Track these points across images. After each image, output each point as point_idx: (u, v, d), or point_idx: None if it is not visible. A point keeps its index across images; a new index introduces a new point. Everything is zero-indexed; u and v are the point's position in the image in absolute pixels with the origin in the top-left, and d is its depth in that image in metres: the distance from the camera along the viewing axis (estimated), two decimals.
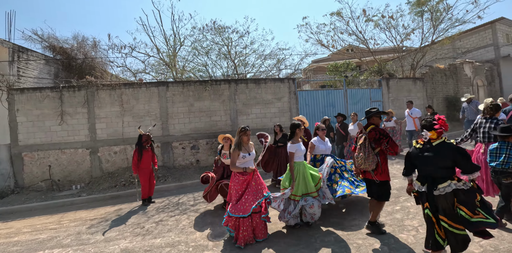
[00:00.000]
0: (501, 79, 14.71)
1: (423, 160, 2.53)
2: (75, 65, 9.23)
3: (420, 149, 2.59)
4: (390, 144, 3.11)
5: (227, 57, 10.77)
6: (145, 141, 5.51)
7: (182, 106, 8.38)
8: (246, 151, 3.55)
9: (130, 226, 4.41)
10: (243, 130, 3.55)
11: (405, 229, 3.40)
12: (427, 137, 2.52)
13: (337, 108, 10.12)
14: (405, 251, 2.91)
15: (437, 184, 2.40)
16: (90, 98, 7.54)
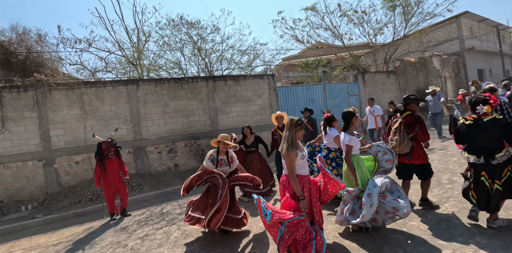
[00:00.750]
0: (466, 71, 15.75)
1: (477, 134, 2.75)
2: (15, 62, 7.82)
3: (471, 124, 2.79)
4: (422, 130, 3.22)
5: (197, 54, 10.06)
6: (106, 149, 4.77)
7: (156, 107, 7.54)
8: (302, 149, 2.70)
9: (109, 247, 3.65)
10: (299, 122, 2.64)
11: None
12: (482, 110, 2.70)
13: (317, 104, 9.95)
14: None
15: (494, 154, 2.66)
16: (41, 100, 6.40)
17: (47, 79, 6.49)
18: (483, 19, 17.81)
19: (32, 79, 6.27)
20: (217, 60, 10.26)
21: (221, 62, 10.35)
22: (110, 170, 4.76)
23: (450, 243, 2.67)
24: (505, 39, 21.71)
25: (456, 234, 2.82)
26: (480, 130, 2.72)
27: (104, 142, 4.82)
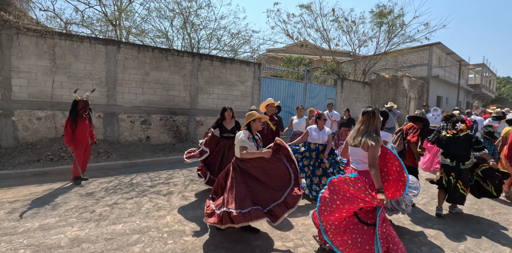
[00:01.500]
0: (428, 95, 17.44)
1: (455, 145, 3.64)
2: None
3: (451, 137, 3.70)
4: (411, 132, 3.87)
5: (184, 27, 9.57)
6: (81, 108, 4.51)
7: (136, 74, 7.12)
8: None
9: (75, 210, 3.46)
10: (379, 113, 2.45)
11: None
12: (460, 127, 3.64)
13: (296, 100, 10.27)
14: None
15: (464, 161, 3.55)
16: (6, 43, 5.63)
17: (16, 21, 5.71)
18: (451, 52, 19.73)
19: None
20: (207, 38, 9.91)
21: (209, 41, 10.04)
22: (81, 131, 4.54)
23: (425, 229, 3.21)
24: (464, 74, 24.37)
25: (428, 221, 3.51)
26: (456, 142, 3.62)
27: (81, 100, 4.53)
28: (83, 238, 2.76)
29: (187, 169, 5.76)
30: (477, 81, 27.19)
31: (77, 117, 4.48)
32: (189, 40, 9.87)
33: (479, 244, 2.98)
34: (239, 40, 10.30)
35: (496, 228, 3.41)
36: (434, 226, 3.39)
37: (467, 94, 26.35)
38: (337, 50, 13.44)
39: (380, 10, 11.79)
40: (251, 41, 10.59)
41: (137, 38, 9.28)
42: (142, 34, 9.60)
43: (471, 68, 26.10)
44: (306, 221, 3.37)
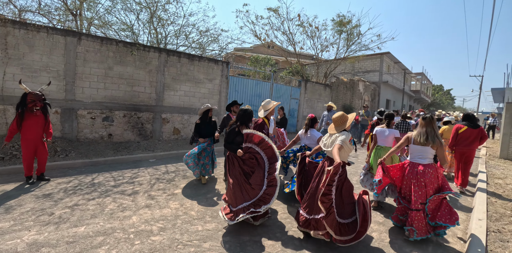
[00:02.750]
0: (379, 98, 19.18)
1: None
2: None
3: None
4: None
5: (150, 21, 9.29)
6: (31, 101, 4.19)
7: (98, 68, 6.82)
8: None
9: (31, 213, 3.34)
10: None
11: None
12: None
13: (263, 99, 10.63)
14: None
15: None
16: None
17: None
18: (398, 61, 21.99)
19: None
20: (175, 34, 9.75)
21: (177, 37, 9.88)
22: (31, 127, 4.23)
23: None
24: (407, 81, 27.34)
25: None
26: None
27: (31, 93, 4.18)
28: (42, 242, 2.67)
29: (153, 167, 5.76)
30: (418, 87, 30.82)
31: (25, 112, 4.16)
32: (155, 35, 9.61)
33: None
34: (207, 38, 10.29)
35: None
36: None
37: (410, 99, 29.59)
38: (301, 53, 14.11)
39: (340, 19, 12.64)
40: (219, 40, 10.62)
41: (100, 30, 8.78)
42: (106, 26, 9.11)
43: (413, 76, 29.62)
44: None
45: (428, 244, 3.12)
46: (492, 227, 3.55)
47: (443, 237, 3.26)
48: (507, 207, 4.32)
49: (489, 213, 4.01)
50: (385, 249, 2.96)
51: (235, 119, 3.66)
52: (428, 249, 3.01)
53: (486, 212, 3.97)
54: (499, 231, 3.47)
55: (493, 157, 9.34)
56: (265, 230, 3.22)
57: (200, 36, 10.16)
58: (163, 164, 6.12)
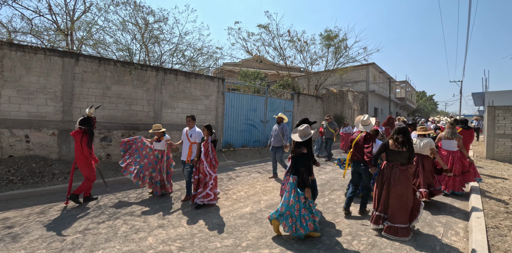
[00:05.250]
0: (367, 107, 19.79)
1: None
2: None
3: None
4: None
5: (146, 41, 9.45)
6: (94, 124, 4.66)
7: (95, 88, 6.79)
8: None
9: (41, 241, 3.20)
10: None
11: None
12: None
13: (258, 113, 10.78)
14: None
15: None
16: None
17: None
18: (383, 71, 23.03)
19: None
20: (170, 53, 9.90)
21: (172, 55, 10.03)
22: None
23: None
24: (393, 89, 28.49)
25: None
26: None
27: (94, 117, 4.67)
28: None
29: None
30: (402, 95, 32.17)
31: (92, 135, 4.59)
32: (147, 54, 9.72)
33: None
34: (203, 56, 10.50)
35: None
36: None
37: (396, 106, 30.66)
38: (292, 67, 14.53)
39: (328, 34, 13.24)
40: (213, 57, 10.85)
41: (95, 50, 8.81)
42: (98, 45, 9.16)
43: (398, 84, 30.92)
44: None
45: (436, 243, 3.26)
46: (490, 224, 3.74)
47: (447, 236, 3.43)
48: (500, 205, 4.55)
49: (485, 211, 4.22)
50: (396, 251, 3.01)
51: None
52: (436, 248, 3.15)
53: (483, 210, 4.16)
54: (497, 226, 3.67)
55: (480, 158, 9.73)
56: (282, 242, 3.20)
57: (195, 54, 10.35)
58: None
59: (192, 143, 4.73)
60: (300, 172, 3.20)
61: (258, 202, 4.73)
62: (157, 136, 5.06)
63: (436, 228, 3.72)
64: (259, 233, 3.47)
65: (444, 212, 4.34)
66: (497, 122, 9.23)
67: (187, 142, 4.76)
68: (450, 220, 4.01)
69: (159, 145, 5.07)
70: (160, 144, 5.07)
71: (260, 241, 3.24)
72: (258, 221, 3.86)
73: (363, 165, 3.99)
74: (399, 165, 3.44)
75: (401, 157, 3.44)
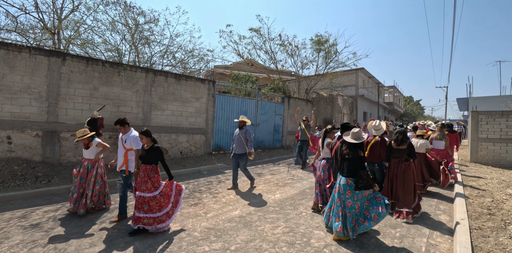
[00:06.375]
0: (357, 111, 20.11)
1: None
2: None
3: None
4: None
5: (136, 42, 9.32)
6: (100, 125, 4.74)
7: (82, 89, 6.64)
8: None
9: (22, 246, 3.07)
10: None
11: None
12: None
13: (249, 116, 10.79)
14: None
15: None
16: None
17: None
18: (371, 76, 23.50)
19: None
20: (161, 54, 9.81)
21: (163, 57, 9.95)
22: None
23: None
24: (381, 94, 29.13)
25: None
26: None
27: (100, 118, 4.68)
28: None
29: None
30: (390, 99, 32.91)
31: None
32: (141, 55, 9.61)
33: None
34: (194, 58, 10.45)
35: None
36: None
37: (384, 110, 31.33)
38: (283, 70, 14.65)
39: (318, 38, 13.45)
40: (204, 59, 10.81)
41: (83, 50, 8.64)
42: (86, 45, 8.98)
43: (386, 89, 31.59)
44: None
45: (421, 244, 3.33)
46: (474, 225, 3.86)
47: (432, 237, 3.55)
48: (483, 206, 4.70)
49: (469, 213, 4.34)
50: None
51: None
52: (421, 249, 3.20)
53: (466, 212, 4.29)
54: (480, 228, 3.78)
55: (464, 161, 10.03)
56: (271, 245, 3.19)
57: (186, 56, 10.29)
58: None
59: (127, 150, 3.92)
60: (359, 174, 3.28)
61: (247, 205, 4.71)
62: (84, 143, 4.14)
63: (422, 229, 3.80)
64: (248, 236, 3.45)
65: (431, 214, 4.44)
66: (480, 126, 9.55)
67: (122, 149, 3.99)
68: (435, 222, 4.11)
69: (87, 153, 4.11)
70: (89, 151, 4.11)
71: (249, 244, 3.22)
72: (247, 224, 3.84)
73: (377, 165, 4.64)
74: (403, 161, 4.24)
75: (403, 153, 4.24)
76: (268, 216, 4.18)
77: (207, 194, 5.28)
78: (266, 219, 4.04)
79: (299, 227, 3.77)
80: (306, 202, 4.94)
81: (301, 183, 6.43)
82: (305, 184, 6.34)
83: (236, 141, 5.58)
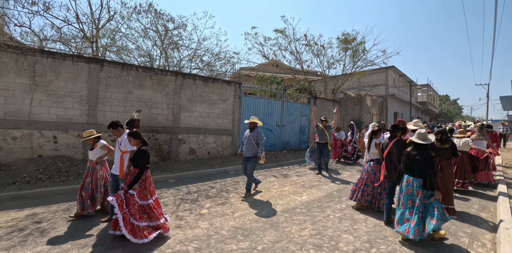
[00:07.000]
0: (387, 111, 19.25)
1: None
2: None
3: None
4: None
5: (166, 47, 9.77)
6: (137, 125, 5.03)
7: (118, 92, 7.09)
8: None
9: (66, 236, 3.37)
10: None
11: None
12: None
13: (274, 117, 10.79)
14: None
15: None
16: None
17: None
18: (403, 74, 22.31)
19: None
20: (189, 58, 10.19)
21: (191, 60, 10.31)
22: None
23: None
24: (413, 93, 27.50)
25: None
26: None
27: (137, 119, 4.98)
28: None
29: (174, 188, 5.78)
30: (424, 99, 30.92)
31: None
32: (170, 59, 10.06)
33: None
34: (220, 61, 10.71)
35: None
36: None
37: (417, 110, 29.56)
38: (308, 71, 14.46)
39: (345, 37, 13.10)
40: (230, 61, 11.04)
41: (118, 56, 9.23)
42: (120, 51, 9.60)
43: (419, 88, 29.78)
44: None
45: (465, 240, 3.20)
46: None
47: (472, 247, 3.30)
48: None
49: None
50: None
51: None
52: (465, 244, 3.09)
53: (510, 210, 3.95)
54: None
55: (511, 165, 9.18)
56: (298, 247, 3.16)
57: (213, 59, 10.58)
58: (183, 184, 6.13)
59: (123, 152, 3.82)
60: (428, 174, 3.28)
61: (274, 206, 4.71)
62: (90, 144, 4.15)
63: (460, 238, 3.54)
64: (275, 237, 3.46)
65: (470, 222, 4.13)
66: None
67: (118, 151, 3.90)
68: (476, 231, 3.81)
69: (91, 154, 4.11)
70: (93, 152, 4.10)
71: (276, 245, 3.23)
72: (274, 225, 3.85)
73: None
74: (445, 159, 4.37)
75: (446, 152, 4.36)
76: (295, 217, 4.16)
77: (234, 194, 5.37)
78: (293, 221, 4.02)
79: (327, 230, 3.71)
80: (334, 204, 4.83)
81: (328, 185, 6.30)
82: (332, 186, 6.20)
83: (246, 143, 5.20)
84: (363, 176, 4.53)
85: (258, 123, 5.25)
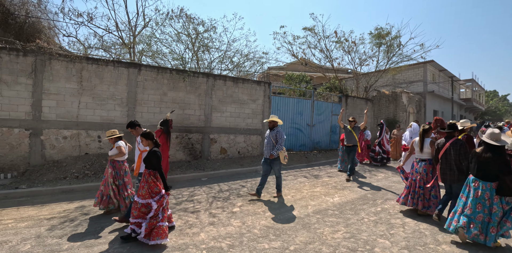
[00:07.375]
0: (425, 109, 18.02)
1: None
2: (13, 24, 7.25)
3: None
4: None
5: (192, 48, 10.08)
6: (170, 125, 5.54)
7: (154, 94, 7.49)
8: None
9: (111, 227, 3.64)
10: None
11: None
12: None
13: (304, 117, 10.64)
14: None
15: None
16: (40, 68, 6.02)
17: (49, 47, 6.13)
18: (443, 69, 20.62)
19: (34, 45, 5.88)
20: (219, 59, 10.43)
21: (221, 62, 10.54)
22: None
23: None
24: (456, 89, 25.30)
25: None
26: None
27: (170, 119, 5.49)
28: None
29: (207, 186, 5.96)
30: (468, 95, 28.27)
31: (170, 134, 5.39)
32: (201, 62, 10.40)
33: None
34: (249, 61, 10.83)
35: None
36: None
37: (460, 108, 27.18)
38: (339, 68, 14.03)
39: (378, 32, 12.49)
40: (259, 61, 11.10)
41: (153, 60, 9.75)
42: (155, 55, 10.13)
43: (462, 84, 27.22)
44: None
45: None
46: None
47: None
48: None
49: None
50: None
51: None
52: None
53: None
54: None
55: None
56: (331, 250, 3.09)
57: (242, 60, 10.73)
58: (215, 182, 6.30)
59: (142, 151, 3.91)
60: (504, 179, 3.10)
61: (305, 206, 4.66)
62: (112, 143, 4.21)
63: None
64: (307, 238, 3.42)
65: None
66: None
67: (137, 151, 3.98)
68: None
69: (110, 153, 4.18)
70: (111, 151, 4.15)
71: (308, 246, 3.19)
72: (306, 226, 3.81)
73: None
74: None
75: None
76: (327, 219, 4.08)
77: (265, 193, 5.40)
78: (325, 222, 3.94)
79: (361, 233, 3.58)
80: (368, 207, 4.65)
81: (361, 187, 6.07)
82: (366, 188, 5.97)
83: (267, 143, 4.98)
84: (414, 177, 4.31)
85: (278, 122, 5.03)
